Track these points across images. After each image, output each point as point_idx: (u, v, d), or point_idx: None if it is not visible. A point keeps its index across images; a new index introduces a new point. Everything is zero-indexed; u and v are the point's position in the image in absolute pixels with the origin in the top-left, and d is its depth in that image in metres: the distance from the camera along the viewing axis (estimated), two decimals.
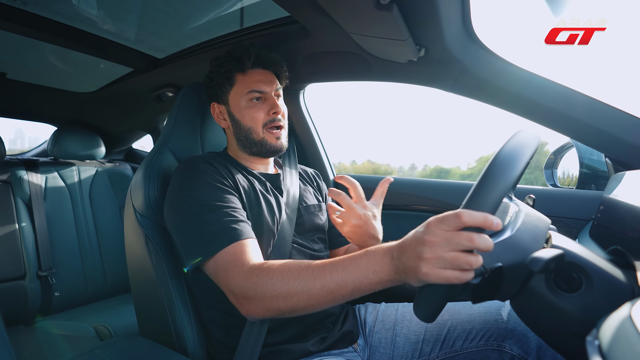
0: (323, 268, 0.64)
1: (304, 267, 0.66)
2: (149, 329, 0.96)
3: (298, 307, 0.65)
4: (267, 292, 0.66)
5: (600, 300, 0.47)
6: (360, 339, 0.93)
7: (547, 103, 0.91)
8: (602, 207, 0.75)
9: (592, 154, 1.10)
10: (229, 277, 0.71)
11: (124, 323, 1.50)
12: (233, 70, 0.95)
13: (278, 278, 0.66)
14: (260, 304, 0.67)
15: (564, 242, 0.52)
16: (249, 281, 0.68)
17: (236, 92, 0.95)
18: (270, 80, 0.96)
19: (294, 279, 0.65)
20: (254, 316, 0.70)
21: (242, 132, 0.95)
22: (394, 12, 0.75)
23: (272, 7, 0.96)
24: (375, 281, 0.59)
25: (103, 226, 1.86)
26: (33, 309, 1.59)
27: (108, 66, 1.48)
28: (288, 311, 0.66)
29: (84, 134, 1.91)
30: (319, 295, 0.63)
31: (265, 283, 0.66)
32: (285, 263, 0.68)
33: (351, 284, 0.60)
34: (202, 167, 0.84)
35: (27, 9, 1.07)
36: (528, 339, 0.80)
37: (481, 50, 0.95)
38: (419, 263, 0.51)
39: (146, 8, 1.12)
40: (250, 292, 0.67)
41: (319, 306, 0.65)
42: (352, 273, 0.60)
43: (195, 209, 0.77)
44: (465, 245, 0.48)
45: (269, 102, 0.94)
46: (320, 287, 0.63)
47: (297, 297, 0.64)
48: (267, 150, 0.95)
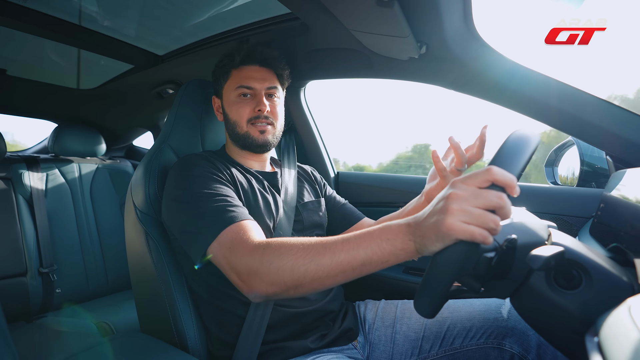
0: (334, 240, 0.61)
1: (313, 241, 0.63)
2: (149, 326, 0.96)
3: (305, 281, 0.61)
4: (273, 263, 0.62)
5: (599, 298, 0.47)
6: (360, 336, 0.93)
7: (549, 101, 0.91)
8: (602, 204, 0.75)
9: (592, 151, 1.10)
10: (233, 254, 0.68)
11: (125, 319, 1.50)
12: (227, 65, 0.98)
13: (285, 250, 0.63)
14: (265, 277, 0.63)
15: (564, 240, 0.52)
16: (254, 255, 0.65)
17: (228, 87, 0.98)
18: (263, 77, 0.97)
19: (302, 250, 0.62)
20: (257, 293, 0.65)
21: (230, 126, 0.97)
22: (395, 9, 0.74)
23: (273, 4, 0.96)
24: (388, 251, 0.55)
25: (104, 223, 1.86)
26: (34, 306, 1.60)
27: (109, 63, 1.47)
28: (294, 285, 0.62)
29: (84, 130, 1.91)
30: (327, 267, 0.59)
31: (272, 254, 0.63)
32: (294, 238, 0.66)
33: (363, 253, 0.57)
34: (198, 161, 0.85)
35: (28, 5, 1.07)
36: (528, 337, 0.80)
37: (482, 48, 0.95)
38: (443, 216, 0.48)
39: (147, 5, 1.11)
40: (255, 265, 0.64)
41: (327, 280, 0.60)
42: (365, 242, 0.57)
43: (191, 199, 0.77)
44: (494, 202, 0.47)
45: (256, 99, 0.95)
46: (329, 257, 0.59)
47: (304, 268, 0.60)
48: (251, 144, 0.95)
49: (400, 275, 1.26)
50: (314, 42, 1.10)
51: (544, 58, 0.92)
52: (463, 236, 0.46)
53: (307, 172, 1.15)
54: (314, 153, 1.48)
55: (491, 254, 0.50)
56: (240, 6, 1.09)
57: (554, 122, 0.94)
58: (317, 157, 1.48)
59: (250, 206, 0.86)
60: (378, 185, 1.39)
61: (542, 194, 1.11)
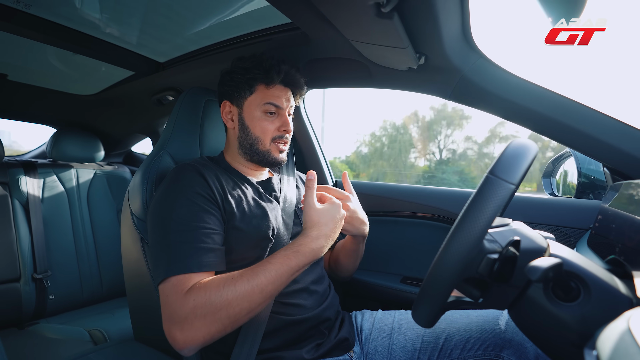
0: (253, 269, 0.71)
1: (236, 275, 0.71)
2: (143, 334, 0.95)
3: (240, 315, 0.68)
4: (207, 308, 0.67)
5: (598, 310, 0.47)
6: (356, 347, 0.92)
7: (546, 112, 0.92)
8: (600, 216, 0.75)
9: (590, 163, 1.11)
10: (168, 303, 0.70)
11: (119, 327, 1.48)
12: (258, 79, 0.93)
13: (214, 291, 0.68)
14: (202, 322, 0.66)
15: (562, 251, 0.52)
16: (187, 304, 0.67)
17: (253, 101, 0.94)
18: (287, 97, 0.97)
19: (230, 286, 0.68)
20: (192, 345, 0.67)
21: (248, 140, 0.95)
22: (394, 21, 0.75)
23: (274, 14, 0.97)
24: (296, 258, 0.74)
25: (100, 229, 1.85)
26: (27, 312, 1.57)
27: (109, 69, 1.48)
28: (230, 323, 0.68)
29: (83, 136, 1.91)
30: (254, 294, 0.69)
31: (203, 299, 0.67)
32: (220, 277, 0.71)
33: (279, 270, 0.71)
34: (189, 178, 0.83)
35: (30, 12, 1.08)
36: (526, 349, 0.79)
37: (480, 60, 0.96)
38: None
39: (149, 12, 1.12)
40: (190, 315, 0.66)
41: (259, 307, 0.70)
42: (278, 261, 0.72)
43: (166, 226, 0.77)
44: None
45: (282, 119, 0.95)
46: (256, 285, 0.69)
47: (236, 303, 0.67)
48: (268, 161, 0.96)
49: (398, 285, 1.25)
50: (314, 52, 1.11)
51: (544, 58, 0.92)
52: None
53: (303, 179, 1.15)
54: (312, 161, 1.49)
55: (495, 256, 0.51)
56: (241, 15, 1.10)
57: (552, 133, 0.95)
58: (316, 166, 1.49)
59: (245, 216, 0.85)
60: (375, 194, 1.39)
61: (540, 206, 1.11)
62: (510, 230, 0.55)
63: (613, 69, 9.27)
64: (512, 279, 0.52)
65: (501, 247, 0.52)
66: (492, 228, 0.55)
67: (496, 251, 0.52)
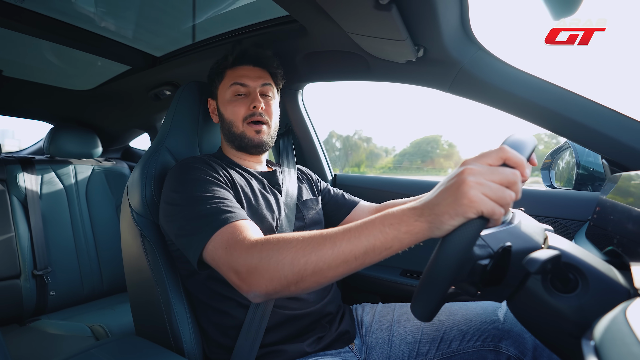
0: (335, 230, 0.58)
1: (313, 233, 0.60)
2: (145, 329, 0.95)
3: (306, 274, 0.58)
4: (272, 258, 0.60)
5: (596, 301, 0.47)
6: (357, 339, 0.93)
7: (545, 104, 0.92)
8: (598, 208, 0.76)
9: (588, 155, 1.11)
10: (230, 253, 0.65)
11: (120, 323, 1.49)
12: (222, 66, 0.99)
13: (284, 243, 0.60)
14: (265, 273, 0.60)
15: (560, 243, 0.52)
16: (252, 251, 0.63)
17: (223, 86, 0.98)
18: (257, 75, 0.98)
19: (301, 242, 0.59)
20: (256, 291, 0.62)
21: (225, 126, 0.98)
22: (392, 13, 0.75)
23: (271, 6, 0.96)
24: (392, 236, 0.52)
25: (99, 225, 1.85)
26: (28, 308, 1.58)
27: (105, 64, 1.47)
28: (294, 280, 0.58)
29: (80, 132, 1.90)
30: (328, 257, 0.56)
31: (270, 249, 0.61)
32: (293, 233, 0.64)
33: (365, 241, 0.54)
34: (195, 164, 0.84)
35: (25, 6, 1.07)
36: (524, 339, 0.80)
37: (479, 52, 0.95)
38: (462, 190, 0.46)
39: (144, 6, 1.11)
40: (254, 261, 0.61)
41: (329, 272, 0.57)
42: (366, 229, 0.54)
43: (187, 202, 0.76)
44: (510, 177, 0.47)
45: (251, 97, 0.96)
46: (330, 247, 0.56)
47: (304, 260, 0.57)
48: (247, 144, 0.96)
49: (398, 278, 1.26)
50: (311, 45, 1.10)
51: (544, 58, 0.92)
52: (485, 209, 0.45)
53: (303, 172, 1.16)
54: (311, 155, 1.49)
55: (485, 261, 0.50)
56: (238, 8, 1.09)
57: (551, 125, 0.95)
58: (315, 159, 1.48)
59: (252, 207, 0.85)
60: (375, 187, 1.40)
61: (538, 197, 1.11)
62: (505, 231, 0.54)
63: (613, 69, 9.31)
64: (504, 281, 0.52)
65: (492, 252, 0.51)
66: (487, 229, 0.53)
67: (487, 256, 0.51)
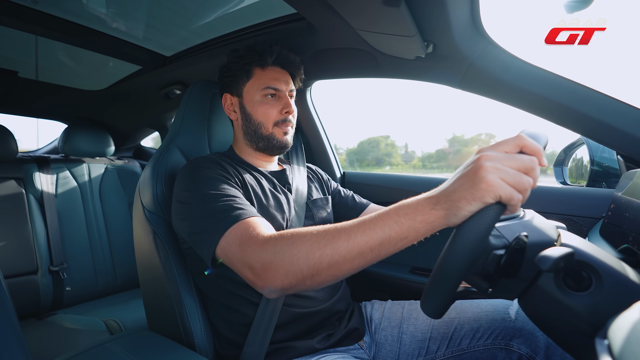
0: (349, 223, 0.58)
1: (328, 226, 0.60)
2: (157, 324, 0.97)
3: (321, 267, 0.57)
4: (287, 252, 0.59)
5: (610, 300, 0.46)
6: (367, 336, 0.93)
7: (558, 99, 0.90)
8: (613, 205, 0.74)
9: (603, 151, 1.09)
10: (244, 250, 0.65)
11: (134, 317, 1.52)
12: (253, 63, 0.95)
13: (298, 238, 0.60)
14: (280, 268, 0.59)
15: (573, 241, 0.52)
16: (266, 247, 0.62)
17: (252, 86, 0.95)
18: (286, 80, 0.97)
19: (316, 236, 0.59)
20: (272, 287, 0.61)
21: (252, 126, 0.95)
22: (401, 8, 0.74)
23: (280, 4, 0.96)
24: (407, 225, 0.51)
25: (113, 222, 1.88)
26: (45, 303, 1.63)
27: (117, 64, 1.49)
28: (310, 274, 0.58)
29: (93, 131, 1.93)
30: (344, 250, 0.55)
31: (285, 244, 0.60)
32: (307, 227, 0.63)
33: (380, 232, 0.53)
34: (206, 164, 0.84)
35: (38, 8, 1.09)
36: (536, 338, 0.79)
37: (490, 46, 0.94)
38: (480, 174, 0.46)
39: (154, 6, 1.12)
40: (269, 256, 0.61)
41: (345, 264, 0.56)
42: (381, 221, 0.54)
43: (199, 200, 0.76)
44: (527, 164, 0.47)
45: (283, 101, 0.95)
46: (345, 240, 0.56)
47: (319, 253, 0.57)
48: (274, 145, 0.95)
49: (407, 275, 1.26)
50: (320, 42, 1.10)
51: (544, 58, 0.91)
52: (503, 193, 0.45)
53: (313, 170, 1.16)
54: (320, 153, 1.49)
55: (501, 252, 0.50)
56: (246, 7, 1.09)
57: (564, 120, 0.93)
58: (324, 157, 1.48)
59: (262, 206, 0.86)
60: (384, 185, 1.39)
61: (551, 195, 1.10)
62: (519, 223, 0.54)
63: (613, 69, 9.12)
64: (519, 273, 0.52)
65: (508, 243, 0.51)
66: (502, 221, 0.54)
67: (503, 247, 0.51)
